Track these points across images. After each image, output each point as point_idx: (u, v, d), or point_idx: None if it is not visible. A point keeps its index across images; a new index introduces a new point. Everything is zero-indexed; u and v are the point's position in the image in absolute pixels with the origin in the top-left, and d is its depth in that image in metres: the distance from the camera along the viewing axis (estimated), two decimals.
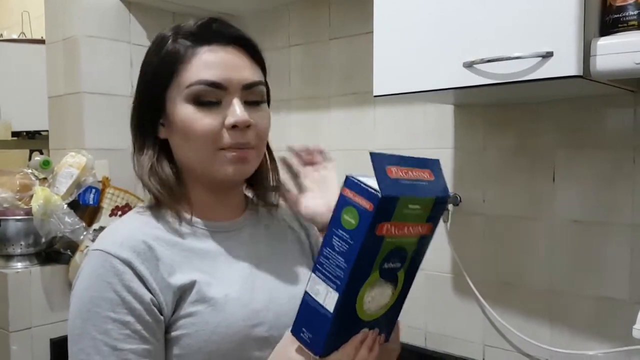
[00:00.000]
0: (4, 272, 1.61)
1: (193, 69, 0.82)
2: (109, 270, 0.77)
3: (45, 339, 1.65)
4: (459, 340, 1.50)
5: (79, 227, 1.62)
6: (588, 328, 1.29)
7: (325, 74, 1.78)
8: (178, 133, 0.84)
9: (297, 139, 1.84)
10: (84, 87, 1.75)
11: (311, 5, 1.79)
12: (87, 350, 0.76)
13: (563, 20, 0.96)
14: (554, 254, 1.34)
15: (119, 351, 0.76)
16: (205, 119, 0.82)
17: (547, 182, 1.34)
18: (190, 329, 0.79)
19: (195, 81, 0.82)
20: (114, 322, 0.76)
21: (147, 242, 0.81)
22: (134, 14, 1.85)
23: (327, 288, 0.67)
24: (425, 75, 1.14)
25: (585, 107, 1.28)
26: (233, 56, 0.84)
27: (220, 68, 0.82)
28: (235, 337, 0.80)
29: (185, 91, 0.82)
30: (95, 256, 0.79)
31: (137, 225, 0.84)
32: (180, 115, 0.83)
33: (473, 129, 1.46)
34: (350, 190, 0.66)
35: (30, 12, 2.63)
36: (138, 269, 0.78)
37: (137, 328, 0.77)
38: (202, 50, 0.83)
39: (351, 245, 0.65)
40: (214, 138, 0.82)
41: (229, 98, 0.83)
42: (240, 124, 0.82)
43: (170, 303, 0.80)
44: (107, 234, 0.85)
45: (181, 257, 0.83)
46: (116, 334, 0.76)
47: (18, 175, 1.72)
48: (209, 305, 0.80)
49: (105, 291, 0.77)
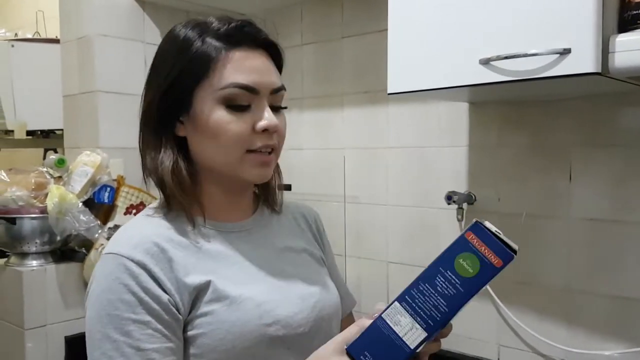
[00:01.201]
0: (19, 270, 1.62)
1: (227, 72, 0.82)
2: (125, 273, 0.78)
3: (60, 337, 1.66)
4: (474, 340, 1.49)
5: (94, 225, 1.63)
6: (604, 328, 1.28)
7: (338, 72, 1.77)
8: (206, 134, 0.84)
9: (309, 137, 1.84)
10: (98, 86, 1.76)
11: (324, 4, 1.79)
12: (110, 353, 0.76)
13: (581, 17, 0.95)
14: (570, 253, 1.33)
15: (142, 351, 0.76)
16: (238, 122, 0.83)
17: (563, 180, 1.33)
18: (206, 328, 0.80)
19: (229, 84, 0.82)
20: (134, 323, 0.76)
21: (160, 244, 0.81)
22: (148, 13, 1.86)
23: (413, 323, 0.66)
24: (440, 72, 1.13)
25: (603, 105, 1.27)
26: (263, 61, 0.86)
27: (253, 72, 0.83)
28: (250, 336, 0.81)
29: (218, 93, 0.82)
30: (109, 259, 0.80)
31: (149, 228, 0.85)
32: (212, 117, 0.83)
33: (488, 127, 1.45)
34: (477, 237, 0.63)
35: (45, 11, 2.65)
36: (153, 271, 0.79)
37: (158, 327, 0.77)
38: (235, 53, 0.83)
39: (461, 293, 0.64)
40: (244, 141, 0.83)
41: (259, 102, 0.84)
42: (271, 128, 0.84)
43: (187, 303, 0.80)
44: (120, 237, 0.85)
45: (195, 258, 0.84)
46: (138, 335, 0.76)
47: (33, 173, 1.73)
48: (224, 304, 0.81)
49: (122, 293, 0.77)
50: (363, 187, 1.73)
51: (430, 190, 1.53)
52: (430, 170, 1.56)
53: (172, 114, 0.86)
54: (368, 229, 1.72)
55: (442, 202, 1.45)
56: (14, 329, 1.63)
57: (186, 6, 1.85)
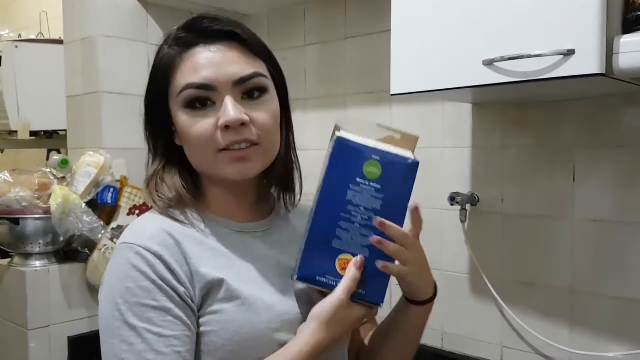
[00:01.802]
0: (22, 270, 1.63)
1: (182, 74, 0.82)
2: (142, 261, 0.77)
3: (63, 337, 1.66)
4: (477, 342, 1.49)
5: (97, 226, 1.63)
6: (608, 329, 1.28)
7: (341, 73, 1.77)
8: (183, 139, 0.85)
9: (313, 138, 1.83)
10: (102, 86, 1.76)
11: (327, 4, 1.79)
12: (131, 340, 0.75)
13: (585, 18, 0.94)
14: (574, 254, 1.32)
15: (164, 338, 0.75)
16: (200, 123, 0.81)
17: (567, 181, 1.33)
18: (215, 326, 0.79)
19: (183, 86, 0.81)
20: (155, 309, 0.75)
21: (175, 236, 0.80)
22: (152, 13, 1.86)
23: None
24: (444, 73, 1.13)
25: (607, 106, 1.26)
26: (221, 54, 0.82)
27: (206, 69, 0.81)
28: (258, 339, 0.80)
29: (178, 98, 0.82)
30: (125, 249, 0.79)
31: (163, 221, 0.83)
32: (179, 123, 0.83)
33: (491, 128, 1.45)
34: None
35: (48, 12, 2.65)
36: (168, 262, 0.78)
37: (178, 314, 0.77)
38: (189, 54, 0.82)
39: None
40: (209, 141, 0.81)
41: (222, 96, 0.81)
42: (231, 123, 0.79)
43: (199, 298, 0.79)
44: (134, 229, 0.84)
45: (209, 254, 0.82)
46: (159, 321, 0.75)
47: (37, 174, 1.73)
48: (235, 304, 0.80)
49: (141, 280, 0.76)
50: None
51: (433, 191, 1.52)
52: (433, 171, 1.56)
53: (162, 126, 0.86)
54: None
55: (445, 203, 1.45)
56: (17, 329, 1.64)
57: (189, 7, 1.85)
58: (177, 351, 0.75)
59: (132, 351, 0.74)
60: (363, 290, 0.80)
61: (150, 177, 0.87)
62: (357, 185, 0.79)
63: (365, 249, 0.80)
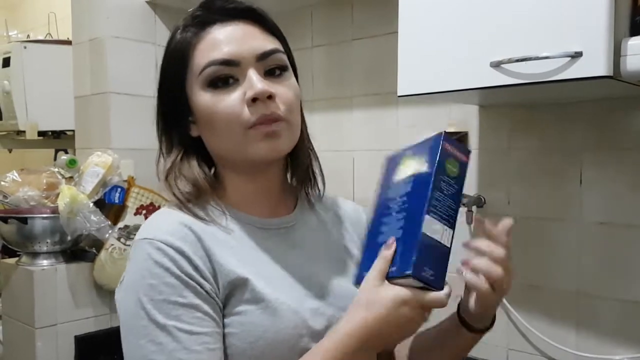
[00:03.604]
0: (30, 269, 1.64)
1: (201, 54, 0.79)
2: (164, 257, 0.72)
3: (70, 336, 1.67)
4: (482, 344, 1.47)
5: (105, 226, 1.64)
6: (615, 332, 1.27)
7: (348, 74, 1.77)
8: (204, 123, 0.80)
9: (319, 139, 1.83)
10: (109, 87, 1.77)
11: (334, 6, 1.79)
12: (160, 339, 0.70)
13: (593, 20, 0.94)
14: (581, 257, 1.32)
15: (196, 335, 0.71)
16: (225, 100, 0.77)
17: (574, 184, 1.32)
18: (238, 328, 0.74)
19: (206, 64, 0.78)
20: (183, 306, 0.71)
21: (196, 232, 0.76)
22: (160, 15, 1.87)
23: (443, 227, 0.74)
24: (451, 75, 1.13)
25: (614, 108, 1.26)
26: (241, 30, 0.80)
27: (228, 44, 0.78)
28: (282, 345, 0.75)
29: (199, 78, 0.78)
30: (145, 245, 0.74)
31: (183, 216, 0.78)
32: (201, 104, 0.79)
33: (498, 130, 1.45)
34: (449, 145, 0.78)
35: (57, 13, 2.67)
36: (191, 258, 0.73)
37: (207, 310, 0.73)
38: (207, 32, 0.79)
39: (457, 190, 0.77)
40: (238, 118, 0.77)
41: (244, 72, 0.78)
42: (259, 95, 0.76)
43: (223, 296, 0.75)
44: (153, 224, 0.79)
45: (230, 252, 0.77)
46: (188, 318, 0.71)
47: (45, 174, 1.75)
48: (260, 306, 0.75)
49: (165, 277, 0.72)
50: (372, 189, 1.72)
51: None
52: None
53: (179, 117, 0.83)
54: None
55: None
56: (24, 327, 1.65)
57: None
58: (210, 348, 0.72)
59: (161, 351, 0.70)
60: (394, 267, 0.75)
61: (169, 169, 0.82)
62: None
63: (400, 230, 0.76)
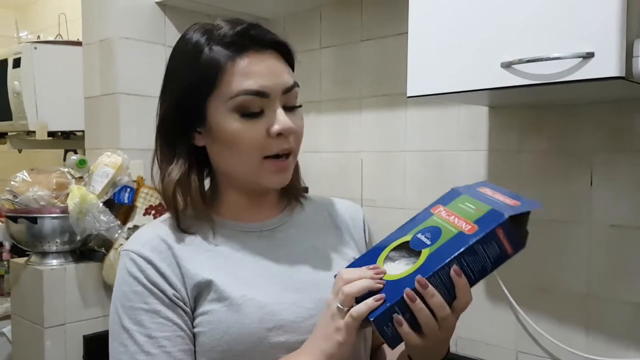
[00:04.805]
0: (39, 269, 1.64)
1: (235, 80, 0.82)
2: (134, 267, 0.82)
3: (79, 336, 1.68)
4: (491, 346, 1.48)
5: (114, 226, 1.65)
6: (625, 335, 1.27)
7: (357, 75, 1.77)
8: (223, 144, 0.84)
9: (327, 140, 1.84)
10: (119, 88, 1.77)
11: (343, 7, 1.79)
12: (125, 342, 0.80)
13: (604, 20, 0.94)
14: (591, 259, 1.31)
15: (154, 339, 0.79)
16: (252, 129, 0.82)
17: (584, 185, 1.32)
18: (205, 327, 0.81)
19: (239, 91, 0.82)
20: (146, 312, 0.80)
21: (168, 242, 0.85)
22: (169, 16, 1.88)
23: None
24: (461, 75, 1.13)
25: (625, 110, 1.25)
26: (272, 62, 0.84)
27: (262, 76, 0.82)
28: (248, 339, 0.80)
29: (229, 102, 0.82)
30: (124, 256, 0.85)
31: (161, 228, 0.87)
32: (226, 127, 0.83)
33: (508, 131, 1.44)
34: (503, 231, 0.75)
35: (67, 14, 2.68)
36: (158, 266, 0.82)
37: (168, 316, 0.81)
38: (242, 59, 0.82)
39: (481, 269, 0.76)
40: (260, 148, 0.83)
41: (271, 105, 0.83)
42: (286, 131, 0.83)
43: (192, 299, 0.83)
44: (134, 236, 0.88)
45: (204, 257, 0.85)
46: (149, 324, 0.80)
47: (54, 174, 1.75)
48: (224, 304, 0.81)
49: (134, 285, 0.82)
50: (380, 190, 1.73)
51: None
52: (448, 174, 1.55)
53: (188, 125, 0.86)
54: (385, 233, 1.70)
55: None
56: (33, 326, 1.65)
57: (207, 9, 1.87)
58: (166, 351, 0.80)
59: (126, 352, 0.80)
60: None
61: (178, 181, 0.86)
62: None
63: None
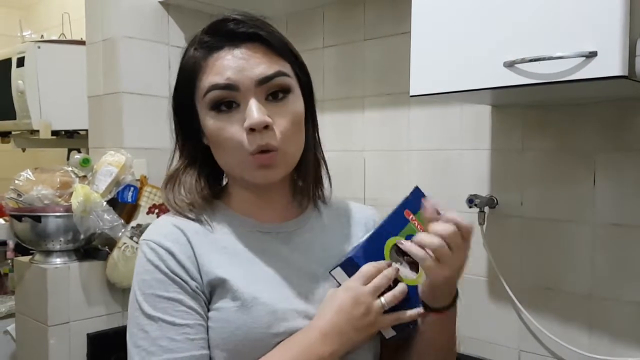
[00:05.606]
0: (43, 267, 1.65)
1: (206, 77, 0.83)
2: (155, 256, 0.82)
3: (83, 334, 1.68)
4: (494, 345, 1.48)
5: (118, 224, 1.65)
6: (628, 335, 1.27)
7: (360, 74, 1.77)
8: (211, 141, 0.86)
9: (330, 139, 1.84)
10: (123, 87, 1.78)
11: (346, 6, 1.79)
12: (146, 328, 0.80)
13: (607, 20, 0.94)
14: (594, 258, 1.31)
15: (177, 326, 0.80)
16: (229, 126, 0.82)
17: (587, 185, 1.32)
18: (215, 323, 0.82)
19: (208, 87, 0.82)
20: (168, 300, 0.81)
21: (187, 235, 0.84)
22: (173, 15, 1.88)
23: None
24: (464, 74, 1.13)
25: (628, 109, 1.25)
26: (245, 54, 0.82)
27: (229, 69, 0.81)
28: (255, 343, 0.80)
29: (204, 100, 0.83)
30: (143, 245, 0.85)
31: (179, 221, 0.87)
32: (207, 125, 0.84)
33: (511, 130, 1.44)
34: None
35: (71, 13, 2.69)
36: (179, 257, 0.82)
37: (190, 304, 0.81)
38: (214, 56, 0.83)
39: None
40: (241, 145, 0.81)
41: (246, 97, 0.81)
42: (255, 125, 0.80)
43: (207, 293, 0.83)
44: (152, 227, 0.88)
45: (218, 254, 0.84)
46: (172, 311, 0.80)
47: (58, 172, 1.75)
48: (235, 304, 0.81)
49: (155, 273, 0.82)
50: (383, 189, 1.73)
51: (451, 193, 1.52)
52: (451, 173, 1.55)
53: (188, 126, 0.88)
54: None
55: (464, 205, 1.45)
56: (37, 325, 1.66)
57: (210, 9, 1.87)
58: (190, 339, 0.80)
59: (147, 338, 0.80)
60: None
61: (169, 178, 0.90)
62: None
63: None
